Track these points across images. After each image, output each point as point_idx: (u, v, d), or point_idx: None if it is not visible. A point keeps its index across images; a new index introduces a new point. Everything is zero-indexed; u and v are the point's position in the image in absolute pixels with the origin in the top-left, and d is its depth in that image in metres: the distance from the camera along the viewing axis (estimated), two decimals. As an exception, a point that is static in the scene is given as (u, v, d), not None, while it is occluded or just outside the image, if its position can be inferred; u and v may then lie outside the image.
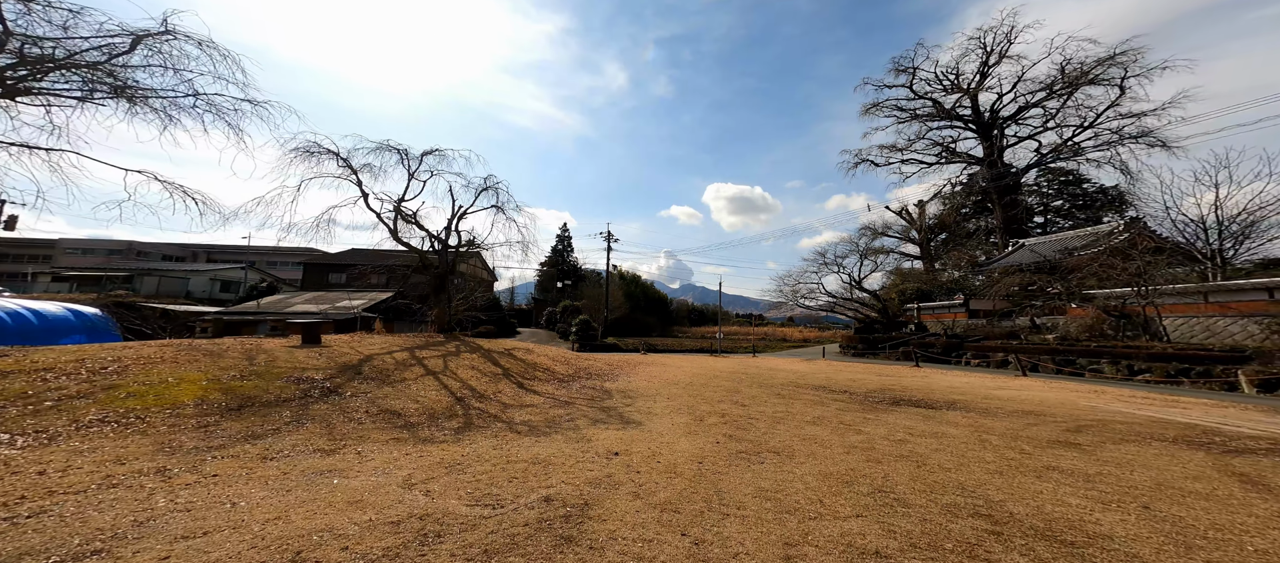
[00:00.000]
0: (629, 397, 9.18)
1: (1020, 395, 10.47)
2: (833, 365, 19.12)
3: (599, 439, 5.72)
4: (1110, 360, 17.39)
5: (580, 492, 3.81)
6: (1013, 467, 4.75)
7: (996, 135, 35.60)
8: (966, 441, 5.92)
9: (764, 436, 6.12)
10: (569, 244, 57.02)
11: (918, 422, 7.16)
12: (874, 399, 9.57)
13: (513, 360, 11.32)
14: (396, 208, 13.07)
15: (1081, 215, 33.26)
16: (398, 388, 7.06)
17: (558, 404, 7.88)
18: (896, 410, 8.23)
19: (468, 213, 14.38)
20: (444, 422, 6.00)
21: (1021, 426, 6.91)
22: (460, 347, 11.20)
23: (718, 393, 9.95)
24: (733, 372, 15.16)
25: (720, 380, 12.27)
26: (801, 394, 10.04)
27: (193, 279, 30.21)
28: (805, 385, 11.59)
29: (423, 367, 8.37)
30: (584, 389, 9.77)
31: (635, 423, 6.78)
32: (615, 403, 8.40)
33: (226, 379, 6.40)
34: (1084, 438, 6.15)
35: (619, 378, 12.08)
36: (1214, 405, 9.61)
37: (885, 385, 12.01)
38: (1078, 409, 8.61)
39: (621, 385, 10.67)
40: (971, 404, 9.03)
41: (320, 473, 4.08)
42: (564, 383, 10.24)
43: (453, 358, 9.64)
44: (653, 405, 8.26)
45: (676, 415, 7.42)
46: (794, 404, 8.68)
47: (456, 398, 7.14)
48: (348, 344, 9.03)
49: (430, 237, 14.10)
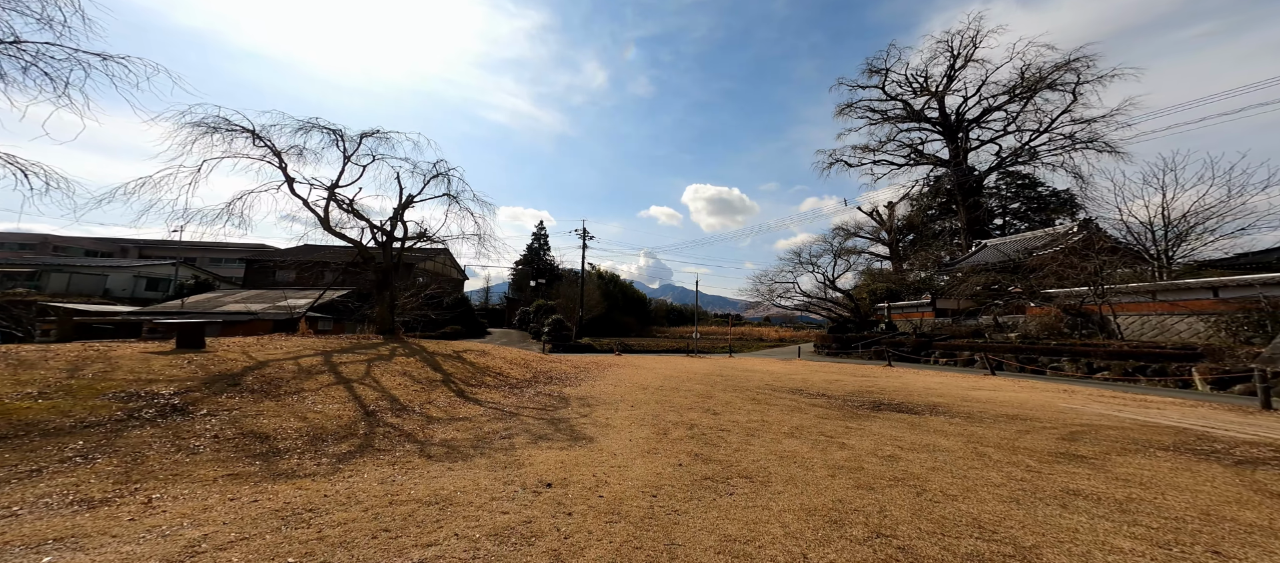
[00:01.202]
0: (588, 405, 8.05)
1: (997, 397, 9.99)
2: (808, 366, 18.57)
3: (534, 463, 4.58)
4: (1070, 358, 17.59)
5: (473, 552, 2.68)
6: (1028, 492, 3.93)
7: (961, 138, 36.50)
8: (963, 455, 5.12)
9: (736, 453, 5.13)
10: (545, 242, 55.31)
11: (904, 431, 6.37)
12: (853, 403, 8.81)
13: (459, 364, 9.96)
14: (329, 194, 11.38)
15: (1037, 218, 34.48)
16: (284, 402, 5.66)
17: (499, 416, 6.66)
18: (879, 417, 7.45)
19: (415, 201, 12.80)
20: (330, 446, 4.68)
21: (1013, 434, 6.22)
22: (398, 349, 9.75)
23: (688, 399, 8.96)
24: (707, 374, 14.27)
25: (693, 384, 11.31)
26: (778, 399, 9.18)
27: (113, 276, 26.79)
28: (782, 389, 10.78)
29: (335, 374, 6.96)
30: (537, 396, 8.57)
31: (586, 439, 5.66)
32: (569, 413, 7.25)
33: (10, 398, 4.81)
34: (1084, 448, 5.48)
35: (583, 382, 10.92)
36: (1184, 405, 9.37)
37: (862, 387, 11.37)
38: (1059, 412, 8.10)
39: (583, 391, 9.53)
40: (953, 408, 8.39)
41: (38, 544, 2.65)
42: (515, 389, 8.99)
43: (382, 363, 8.23)
44: (613, 415, 7.17)
45: (638, 428, 6.36)
46: (770, 411, 7.78)
47: (366, 412, 5.80)
48: (241, 348, 7.47)
49: (372, 227, 12.46)
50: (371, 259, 12.24)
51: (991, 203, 36.67)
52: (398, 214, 12.57)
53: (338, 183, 11.74)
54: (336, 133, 11.70)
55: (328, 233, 11.39)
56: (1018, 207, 36.51)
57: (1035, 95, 32.17)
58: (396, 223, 12.62)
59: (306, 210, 11.19)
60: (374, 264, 12.20)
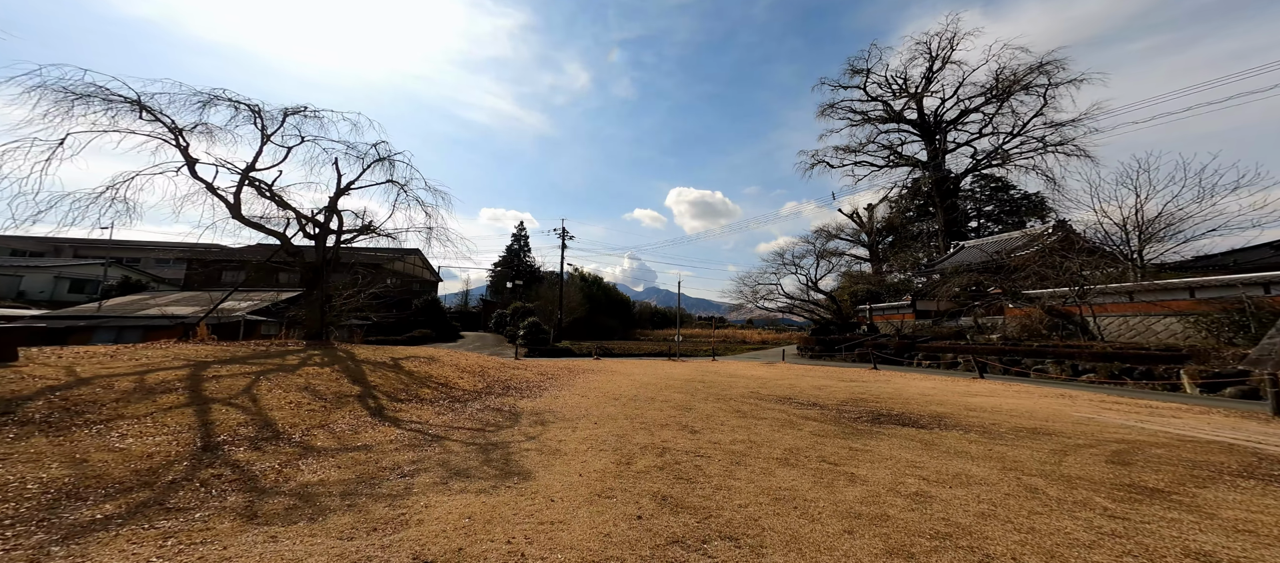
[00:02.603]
0: (542, 422, 6.59)
1: (1001, 405, 8.98)
2: (793, 370, 17.48)
3: (425, 521, 3.11)
4: (1054, 360, 17.07)
5: None
6: (1140, 557, 2.71)
7: (939, 140, 36.59)
8: (1009, 490, 3.91)
9: (717, 495, 3.79)
10: (526, 244, 53.40)
11: (920, 453, 5.16)
12: (850, 415, 7.61)
13: (393, 374, 8.31)
14: (242, 178, 9.52)
15: (1010, 220, 34.73)
16: (72, 437, 3.93)
17: (414, 442, 5.13)
18: (884, 433, 6.25)
19: (353, 188, 11.00)
20: (84, 508, 2.96)
21: (1050, 456, 5.09)
22: (316, 357, 8.03)
23: (664, 411, 7.60)
24: (688, 379, 12.95)
25: (671, 392, 9.96)
26: (766, 410, 7.91)
27: (29, 277, 23.69)
28: (768, 397, 9.54)
29: (194, 393, 5.27)
30: (483, 412, 7.04)
31: (520, 475, 4.22)
32: (513, 435, 5.78)
33: None
34: (1149, 476, 4.36)
35: (546, 392, 9.43)
36: (1192, 411, 8.54)
37: (855, 394, 10.24)
38: (1078, 423, 7.09)
39: (542, 404, 8.05)
40: (961, 419, 7.28)
41: None
42: (457, 403, 7.43)
43: (279, 377, 6.54)
44: (568, 437, 5.74)
45: (594, 455, 4.95)
46: (758, 427, 6.48)
47: (205, 446, 4.15)
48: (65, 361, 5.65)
49: (299, 217, 10.67)
50: (298, 254, 10.41)
51: (967, 206, 36.87)
52: (332, 203, 10.77)
53: (254, 165, 9.80)
54: (253, 108, 9.82)
55: (242, 224, 9.52)
56: (991, 209, 36.80)
57: (1010, 97, 32.45)
58: (331, 213, 10.82)
59: (214, 197, 9.27)
60: (301, 260, 10.38)
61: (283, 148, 10.45)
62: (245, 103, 9.73)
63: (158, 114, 8.76)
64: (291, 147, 10.54)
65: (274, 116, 10.14)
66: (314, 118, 10.69)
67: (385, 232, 11.39)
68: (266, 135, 9.94)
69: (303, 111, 10.46)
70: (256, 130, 9.89)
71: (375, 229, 11.35)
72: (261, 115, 9.87)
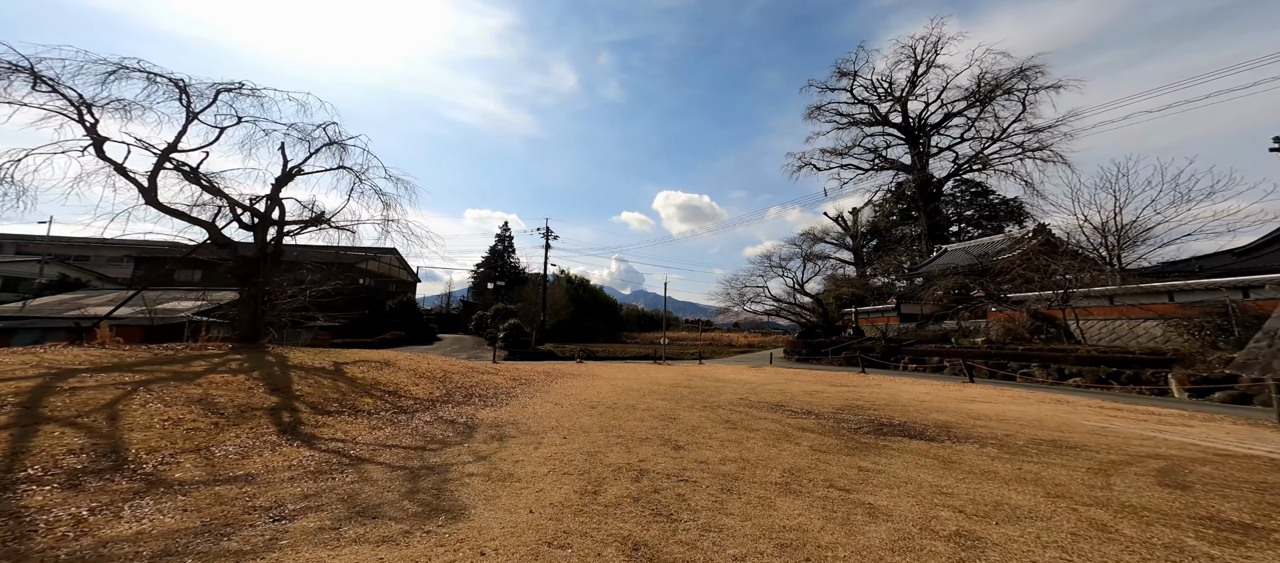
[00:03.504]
0: (499, 437, 5.56)
1: (1004, 412, 8.31)
2: (782, 374, 16.74)
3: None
4: (1040, 364, 16.79)
5: None
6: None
7: (923, 143, 36.81)
8: (1074, 528, 3.07)
9: (703, 539, 2.85)
10: (510, 244, 51.91)
11: (942, 473, 4.33)
12: (849, 425, 6.80)
13: (331, 381, 7.12)
14: (160, 159, 8.12)
15: (989, 225, 35.05)
16: None
17: (324, 468, 4.05)
18: (892, 447, 5.43)
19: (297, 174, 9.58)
20: None
21: (1089, 475, 4.32)
22: (230, 363, 6.77)
23: (645, 422, 6.65)
24: (673, 384, 12.03)
25: (655, 399, 9.02)
26: (757, 420, 7.04)
27: (-48, 273, 21.26)
28: (759, 404, 8.68)
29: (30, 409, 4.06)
30: (429, 425, 5.96)
31: (448, 515, 3.20)
32: (458, 455, 4.73)
33: None
34: (1222, 505, 3.57)
35: (514, 400, 8.37)
36: (1202, 419, 8.00)
37: (849, 400, 9.47)
38: (1097, 435, 6.41)
39: (506, 414, 7.00)
40: (971, 431, 6.54)
41: None
42: (401, 415, 6.32)
43: (170, 386, 5.31)
44: (526, 457, 4.73)
45: (554, 482, 3.96)
46: (751, 441, 5.59)
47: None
48: None
49: (233, 205, 9.28)
50: (229, 247, 9.02)
51: (949, 210, 37.13)
52: (274, 191, 9.44)
53: (176, 146, 8.43)
54: (175, 82, 8.42)
55: (159, 211, 8.12)
56: (971, 214, 37.14)
57: (992, 101, 32.78)
58: (274, 202, 9.49)
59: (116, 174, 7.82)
60: (233, 253, 9.03)
61: (215, 129, 9.10)
62: (165, 76, 8.34)
63: (57, 85, 7.41)
64: (226, 127, 9.18)
65: (203, 93, 8.78)
66: (253, 96, 9.34)
67: (338, 224, 10.11)
68: (193, 113, 8.58)
69: (237, 88, 9.09)
70: (183, 108, 8.54)
71: (327, 221, 10.07)
72: (187, 91, 8.52)
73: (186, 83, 8.56)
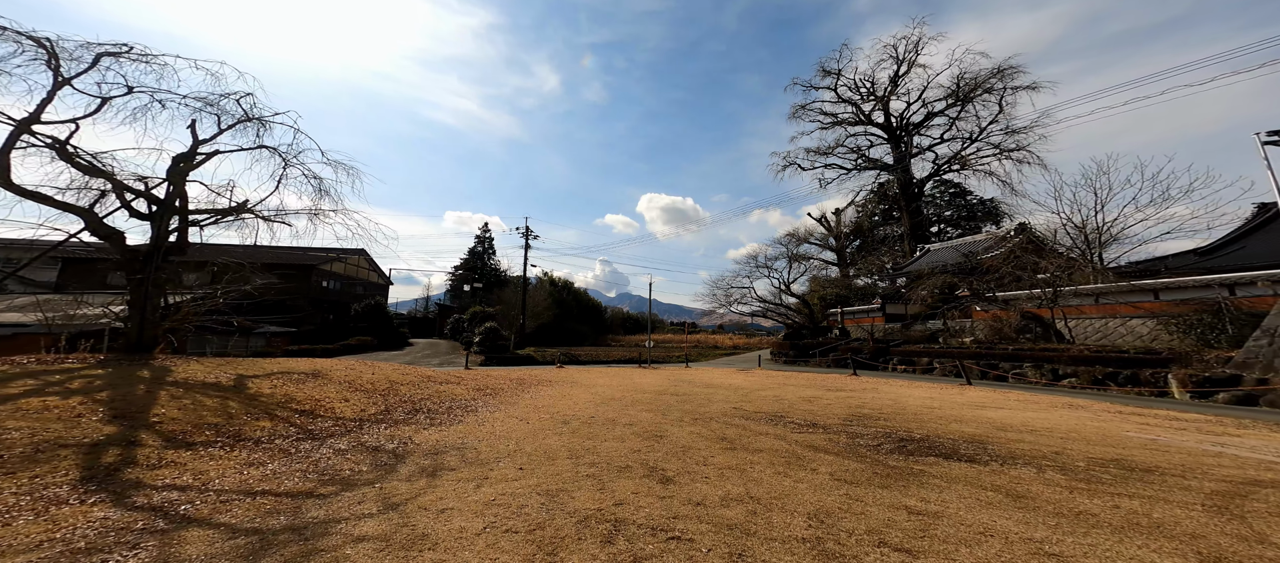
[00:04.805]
0: (432, 470, 4.19)
1: (1029, 421, 7.37)
2: (773, 377, 15.69)
3: None
4: (1033, 364, 16.23)
5: None
6: None
7: (906, 142, 36.83)
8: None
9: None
10: (490, 246, 49.90)
11: (1014, 514, 3.18)
12: (866, 442, 5.67)
13: (221, 400, 5.56)
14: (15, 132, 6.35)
15: (968, 225, 35.22)
16: None
17: (108, 541, 2.64)
18: (932, 475, 4.30)
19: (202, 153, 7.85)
20: None
21: (1208, 514, 3.25)
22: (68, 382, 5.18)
23: (626, 442, 5.38)
24: (660, 392, 10.79)
25: (639, 410, 7.75)
26: (757, 436, 5.85)
27: None
28: (756, 414, 7.51)
29: None
30: (339, 455, 4.54)
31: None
32: (358, 505, 3.35)
33: None
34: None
35: (471, 415, 6.96)
36: (1230, 425, 7.26)
37: (853, 409, 8.39)
38: (1156, 450, 5.46)
39: (453, 436, 5.61)
40: (1011, 447, 5.50)
41: None
42: (308, 441, 4.86)
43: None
44: (459, 503, 3.40)
45: (480, 556, 2.65)
46: (756, 469, 4.38)
47: None
48: None
49: (121, 189, 7.54)
50: (115, 238, 7.31)
51: (929, 211, 37.20)
52: (176, 173, 7.69)
53: (38, 116, 6.75)
54: (35, 40, 6.76)
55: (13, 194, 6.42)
56: (950, 215, 37.32)
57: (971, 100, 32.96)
58: (174, 185, 7.78)
59: None
60: (121, 246, 7.32)
61: (96, 98, 7.39)
62: (14, 29, 6.58)
63: None
64: (111, 97, 7.47)
65: (74, 54, 7.04)
66: (145, 62, 7.65)
67: (262, 213, 8.47)
68: (62, 79, 6.84)
69: (125, 52, 7.37)
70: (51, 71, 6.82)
71: (249, 210, 8.42)
72: (54, 52, 6.80)
73: (52, 41, 6.86)
